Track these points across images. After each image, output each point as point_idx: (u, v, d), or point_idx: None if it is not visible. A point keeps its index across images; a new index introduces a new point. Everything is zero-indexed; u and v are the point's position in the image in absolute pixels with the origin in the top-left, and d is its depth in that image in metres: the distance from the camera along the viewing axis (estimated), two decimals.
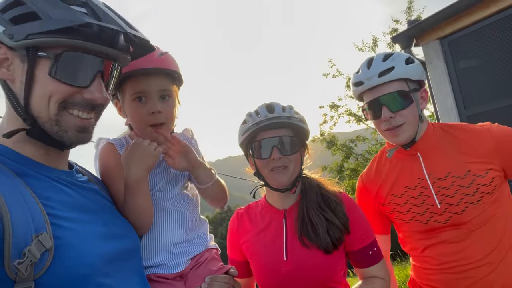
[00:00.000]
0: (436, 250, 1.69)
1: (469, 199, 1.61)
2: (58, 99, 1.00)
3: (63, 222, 0.95)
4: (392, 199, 1.80)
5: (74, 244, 0.93)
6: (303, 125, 1.62)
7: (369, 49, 18.95)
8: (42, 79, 0.99)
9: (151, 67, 1.37)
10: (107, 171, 1.36)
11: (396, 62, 1.68)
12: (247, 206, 1.85)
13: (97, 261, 0.96)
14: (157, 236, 1.41)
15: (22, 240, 0.83)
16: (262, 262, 1.63)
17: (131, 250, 1.17)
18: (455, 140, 1.72)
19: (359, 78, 1.75)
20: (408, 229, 1.78)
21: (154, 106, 1.38)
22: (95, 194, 1.18)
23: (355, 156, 18.32)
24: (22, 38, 0.96)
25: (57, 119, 1.01)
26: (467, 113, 4.90)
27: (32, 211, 0.89)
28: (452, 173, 1.66)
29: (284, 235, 1.61)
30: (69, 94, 1.02)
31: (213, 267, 1.45)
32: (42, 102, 1.00)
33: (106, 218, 1.13)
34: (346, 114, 19.18)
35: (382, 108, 1.68)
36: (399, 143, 1.75)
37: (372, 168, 1.96)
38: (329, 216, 1.55)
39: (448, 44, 5.07)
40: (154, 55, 1.37)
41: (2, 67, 1.00)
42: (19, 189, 0.91)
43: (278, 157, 1.56)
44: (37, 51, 0.98)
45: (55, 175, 1.06)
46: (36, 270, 0.84)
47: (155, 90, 1.39)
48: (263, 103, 1.67)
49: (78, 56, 1.01)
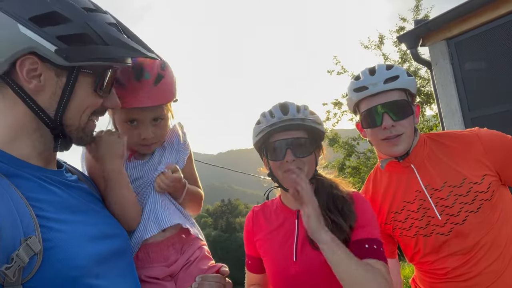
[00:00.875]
0: (445, 263, 1.67)
1: (468, 207, 1.60)
2: (92, 110, 1.12)
3: (52, 223, 0.94)
4: (393, 216, 1.79)
5: (63, 246, 0.93)
6: (317, 126, 1.60)
7: (375, 47, 18.83)
8: (83, 93, 1.07)
9: (146, 106, 1.34)
10: (94, 170, 1.34)
11: (400, 72, 1.69)
12: (263, 204, 1.85)
13: (87, 263, 0.96)
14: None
15: (11, 244, 0.83)
16: (272, 261, 1.64)
17: (122, 250, 1.17)
18: (445, 149, 1.72)
19: (363, 83, 1.71)
20: (415, 246, 1.75)
21: (146, 132, 1.40)
22: (85, 193, 1.18)
23: (357, 154, 18.30)
24: (80, 60, 1.01)
25: (84, 127, 1.12)
26: (471, 115, 4.88)
27: (20, 214, 0.88)
28: (448, 182, 1.65)
29: (296, 235, 1.60)
30: (99, 105, 1.13)
31: (204, 266, 1.44)
32: (78, 113, 1.08)
33: (96, 218, 1.13)
34: (350, 112, 19.12)
35: (384, 116, 1.66)
36: (396, 153, 1.72)
37: (368, 188, 1.94)
38: (335, 217, 1.52)
39: (455, 45, 5.04)
40: (149, 83, 1.32)
41: (33, 79, 1.01)
42: (7, 191, 0.90)
43: (292, 159, 1.55)
44: (81, 68, 1.04)
45: (43, 174, 1.05)
46: (25, 274, 0.84)
47: (148, 118, 1.40)
48: (278, 103, 1.64)
49: (112, 72, 1.14)
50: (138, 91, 1.31)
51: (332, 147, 18.15)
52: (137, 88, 1.31)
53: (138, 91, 1.31)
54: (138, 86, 1.31)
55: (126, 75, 1.32)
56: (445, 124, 5.11)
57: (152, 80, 1.33)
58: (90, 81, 1.07)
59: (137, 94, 1.31)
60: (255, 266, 1.79)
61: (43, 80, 1.01)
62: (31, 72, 1.00)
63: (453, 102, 5.03)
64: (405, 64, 17.73)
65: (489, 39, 4.73)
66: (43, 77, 1.01)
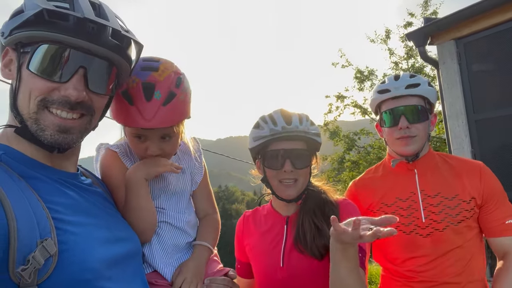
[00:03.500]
0: (416, 263, 1.80)
1: (451, 219, 1.78)
2: (36, 96, 0.97)
3: (67, 226, 0.95)
4: (381, 207, 1.93)
5: (77, 249, 0.93)
6: (317, 138, 1.62)
7: (381, 41, 18.67)
8: (24, 75, 0.99)
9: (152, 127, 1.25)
10: (111, 179, 1.35)
11: (421, 81, 1.88)
12: (255, 209, 1.86)
13: (100, 266, 0.97)
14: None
15: (27, 245, 0.84)
16: (260, 266, 1.65)
17: (133, 253, 1.17)
18: (450, 167, 1.91)
19: (386, 86, 1.90)
20: (392, 239, 1.85)
21: (153, 148, 1.33)
22: (99, 197, 1.18)
23: (357, 148, 18.30)
24: (7, 35, 0.97)
25: (36, 117, 0.98)
26: (476, 118, 4.86)
27: (37, 216, 0.89)
28: (442, 193, 1.84)
29: (284, 241, 1.61)
30: (47, 91, 0.98)
31: (212, 269, 1.45)
32: (25, 99, 0.98)
33: (109, 222, 1.13)
34: (352, 106, 19.07)
35: (401, 117, 1.84)
36: (407, 153, 1.88)
37: (366, 176, 2.10)
38: (318, 222, 1.53)
39: (464, 45, 4.99)
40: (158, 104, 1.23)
41: (7, 68, 1.02)
42: (24, 193, 0.91)
43: (290, 170, 1.55)
44: (23, 47, 0.98)
45: (59, 176, 1.05)
46: (40, 275, 0.85)
47: (157, 135, 1.33)
48: (279, 110, 1.62)
49: (56, 50, 0.97)
50: (146, 112, 1.22)
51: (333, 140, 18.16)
52: (145, 108, 1.22)
53: (145, 112, 1.22)
54: (147, 107, 1.22)
55: (138, 95, 1.23)
56: (449, 125, 5.10)
57: (162, 101, 1.24)
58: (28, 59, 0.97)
59: (145, 114, 1.22)
60: (244, 271, 1.80)
61: (12, 68, 1.01)
62: (10, 63, 1.02)
63: (458, 103, 5.01)
64: (410, 60, 17.62)
65: (498, 41, 4.68)
66: (12, 64, 1.02)
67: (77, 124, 1.03)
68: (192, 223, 1.52)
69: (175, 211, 1.46)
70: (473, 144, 4.86)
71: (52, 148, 1.03)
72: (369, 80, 18.70)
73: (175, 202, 1.48)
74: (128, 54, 1.13)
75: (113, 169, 1.37)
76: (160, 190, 1.45)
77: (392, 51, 18.30)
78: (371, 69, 18.84)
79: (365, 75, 18.72)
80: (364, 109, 18.89)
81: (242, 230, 1.81)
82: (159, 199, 1.44)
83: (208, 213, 1.61)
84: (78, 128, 1.04)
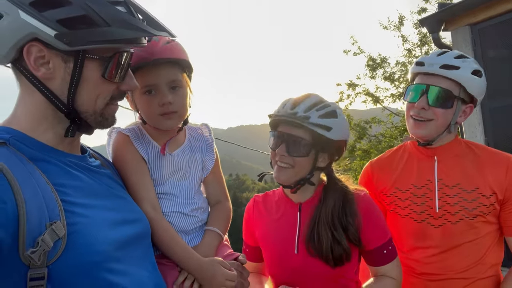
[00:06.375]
0: (422, 254, 1.74)
1: (466, 213, 1.68)
2: (106, 97, 1.09)
3: (76, 208, 0.97)
4: (395, 191, 1.85)
5: (85, 231, 0.95)
6: (322, 131, 1.50)
7: (394, 27, 18.31)
8: (92, 79, 1.05)
9: (158, 57, 1.33)
10: (123, 164, 1.38)
11: (464, 66, 1.68)
12: (265, 193, 1.85)
13: (109, 248, 0.99)
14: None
15: (37, 228, 0.86)
16: (273, 252, 1.66)
17: (142, 235, 1.19)
18: (474, 157, 1.76)
19: (424, 59, 1.76)
20: (401, 226, 1.81)
21: (164, 97, 1.37)
22: (108, 179, 1.20)
23: (368, 137, 18.13)
24: (81, 44, 0.98)
25: (102, 112, 1.10)
26: (491, 105, 4.76)
27: (46, 199, 0.91)
28: (460, 185, 1.72)
29: (297, 228, 1.61)
30: (112, 90, 1.10)
31: (222, 253, 1.46)
32: (90, 99, 1.07)
33: (118, 204, 1.15)
34: (364, 94, 18.84)
35: (423, 96, 1.69)
36: (416, 135, 1.77)
37: (384, 157, 2.01)
38: (337, 235, 1.51)
39: (479, 31, 4.87)
40: (158, 44, 1.35)
41: (42, 67, 1.00)
42: (33, 176, 0.93)
43: (282, 153, 1.54)
44: (86, 53, 1.01)
45: (68, 159, 1.08)
46: (49, 257, 0.87)
47: (164, 81, 1.37)
48: (303, 95, 1.61)
49: (126, 57, 1.10)
50: (151, 49, 1.32)
51: None
52: (149, 45, 1.30)
53: (150, 49, 1.32)
54: (149, 45, 1.31)
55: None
56: None
57: (163, 42, 1.37)
58: (97, 66, 1.04)
59: (150, 51, 1.32)
60: (252, 255, 1.80)
61: (52, 67, 1.00)
62: (39, 59, 0.99)
63: None
64: (424, 47, 17.27)
65: None
66: (52, 63, 1.00)
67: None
68: (202, 209, 1.54)
69: (185, 197, 1.48)
70: (487, 132, 4.78)
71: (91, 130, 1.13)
72: (381, 67, 18.41)
73: (185, 188, 1.49)
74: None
75: (126, 153, 1.39)
76: (171, 175, 1.47)
77: (406, 37, 17.95)
78: (384, 57, 18.54)
79: (378, 62, 18.43)
80: (376, 97, 18.65)
81: (252, 214, 1.80)
82: (170, 184, 1.46)
83: (219, 200, 1.62)
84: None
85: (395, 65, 18.16)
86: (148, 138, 1.46)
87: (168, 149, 1.48)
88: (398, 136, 16.19)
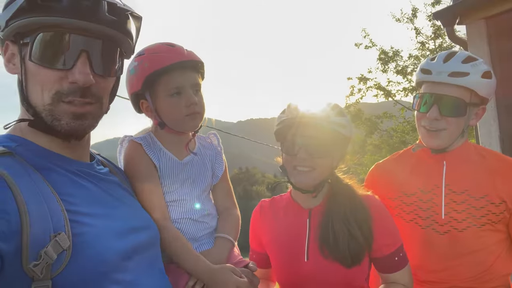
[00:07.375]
0: (426, 261, 1.69)
1: (474, 220, 1.62)
2: (50, 89, 0.97)
3: (82, 218, 0.95)
4: (400, 195, 1.80)
5: (92, 242, 0.93)
6: (340, 129, 1.50)
7: (407, 20, 18.02)
8: (30, 68, 0.98)
9: (186, 60, 1.43)
10: (135, 171, 1.39)
11: (474, 71, 1.61)
12: (272, 198, 1.81)
13: (115, 258, 0.97)
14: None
15: (40, 240, 0.84)
16: (281, 259, 1.63)
17: (150, 242, 1.16)
18: (485, 164, 1.70)
19: (430, 66, 1.68)
20: (405, 231, 1.74)
21: (191, 98, 1.43)
22: (116, 186, 1.18)
23: (379, 132, 17.95)
24: (4, 26, 0.96)
25: (51, 108, 0.98)
26: (506, 102, 4.65)
27: (51, 210, 0.89)
28: (468, 191, 1.66)
29: (307, 235, 1.58)
30: (57, 81, 0.97)
31: (232, 260, 1.46)
32: (37, 92, 0.98)
33: (126, 212, 1.13)
34: (375, 88, 18.64)
35: (433, 106, 1.64)
36: (430, 146, 1.72)
37: (391, 158, 1.96)
38: (353, 230, 1.49)
39: (494, 25, 4.75)
40: (180, 50, 1.44)
41: (10, 63, 1.01)
42: (38, 186, 0.91)
43: (304, 157, 1.50)
44: (22, 38, 0.96)
45: (74, 167, 1.05)
46: (54, 269, 0.85)
47: (189, 84, 1.44)
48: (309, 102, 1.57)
49: (55, 36, 0.96)
50: (174, 51, 1.42)
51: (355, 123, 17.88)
52: (172, 49, 1.43)
53: (174, 51, 1.42)
54: (172, 49, 1.43)
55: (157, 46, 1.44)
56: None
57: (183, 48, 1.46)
58: (29, 50, 0.96)
59: (174, 53, 1.42)
60: (259, 261, 1.74)
61: (16, 61, 1.00)
62: (12, 57, 1.01)
63: None
64: (438, 40, 16.98)
65: None
66: (16, 58, 1.00)
67: (90, 109, 1.04)
68: (212, 215, 1.55)
69: (195, 204, 1.49)
70: (502, 129, 4.69)
71: (68, 137, 1.04)
72: (393, 61, 18.17)
73: (195, 194, 1.51)
74: (128, 29, 1.10)
75: (139, 161, 1.41)
76: (182, 182, 1.49)
77: (419, 30, 17.68)
78: (396, 50, 18.29)
79: (390, 56, 18.19)
80: (387, 91, 18.45)
81: (259, 220, 1.76)
82: (181, 191, 1.47)
83: (228, 206, 1.62)
84: (92, 113, 1.05)
85: (408, 58, 17.92)
86: (160, 146, 1.49)
87: (179, 157, 1.50)
88: (410, 131, 16.00)
